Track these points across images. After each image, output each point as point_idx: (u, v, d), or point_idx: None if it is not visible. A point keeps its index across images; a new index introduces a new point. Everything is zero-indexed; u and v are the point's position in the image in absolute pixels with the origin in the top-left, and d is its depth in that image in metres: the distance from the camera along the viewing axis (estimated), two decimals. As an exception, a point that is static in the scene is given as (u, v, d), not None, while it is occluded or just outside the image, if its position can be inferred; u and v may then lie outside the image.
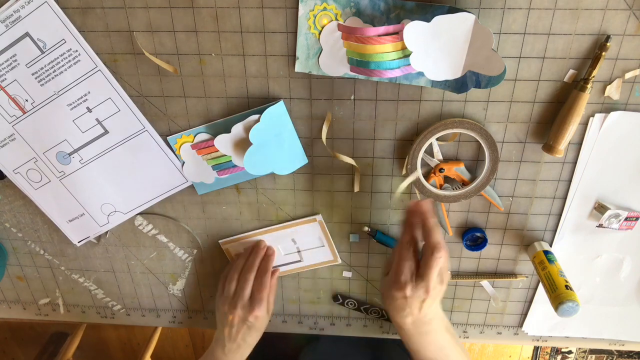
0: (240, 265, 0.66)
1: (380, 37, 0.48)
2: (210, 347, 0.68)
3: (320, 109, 0.58)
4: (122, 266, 0.74)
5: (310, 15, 0.52)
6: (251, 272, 0.64)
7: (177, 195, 0.66)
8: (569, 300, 0.55)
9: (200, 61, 0.56)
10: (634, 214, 0.60)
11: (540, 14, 0.51)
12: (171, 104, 0.59)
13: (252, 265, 0.65)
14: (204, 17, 0.54)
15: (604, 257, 0.66)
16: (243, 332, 0.63)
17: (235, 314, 0.61)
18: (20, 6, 0.54)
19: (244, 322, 0.62)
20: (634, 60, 0.52)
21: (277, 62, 0.56)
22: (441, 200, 0.61)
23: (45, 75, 0.57)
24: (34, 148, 0.62)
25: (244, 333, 0.63)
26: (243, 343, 0.64)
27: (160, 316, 0.79)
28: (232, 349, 0.64)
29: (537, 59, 0.53)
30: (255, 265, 0.65)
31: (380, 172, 0.62)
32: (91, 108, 0.59)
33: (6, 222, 0.72)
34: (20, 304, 0.81)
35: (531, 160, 0.59)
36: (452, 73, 0.50)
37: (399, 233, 0.67)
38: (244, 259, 0.67)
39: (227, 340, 0.63)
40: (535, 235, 0.65)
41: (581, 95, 0.52)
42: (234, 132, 0.57)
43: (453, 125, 0.56)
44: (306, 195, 0.65)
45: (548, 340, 0.75)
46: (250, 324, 0.62)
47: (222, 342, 0.64)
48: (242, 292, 0.62)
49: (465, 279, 0.69)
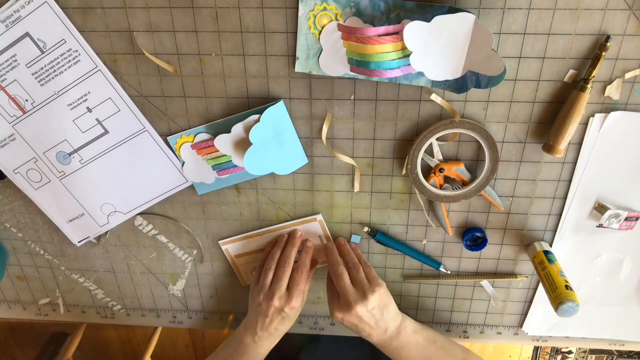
0: (276, 255, 0.65)
1: (380, 37, 0.48)
2: (237, 333, 0.67)
3: (320, 109, 0.58)
4: (122, 266, 0.74)
5: (310, 15, 0.52)
6: (289, 264, 0.63)
7: (177, 196, 0.66)
8: (569, 300, 0.55)
9: (200, 61, 0.57)
10: (634, 214, 0.60)
11: (540, 14, 0.51)
12: (171, 104, 0.59)
13: (289, 256, 0.64)
14: (204, 17, 0.54)
15: (604, 257, 0.66)
16: (277, 322, 0.63)
17: (272, 304, 0.61)
18: (20, 6, 0.54)
19: (279, 313, 0.62)
20: (634, 60, 0.52)
21: (277, 62, 0.56)
22: (441, 200, 0.61)
23: (45, 75, 0.57)
24: (34, 148, 0.62)
25: (277, 323, 0.63)
26: (275, 332, 0.64)
27: (160, 316, 0.79)
28: (263, 337, 0.63)
29: (537, 59, 0.53)
30: (292, 256, 0.65)
31: (380, 172, 0.62)
32: (91, 108, 0.59)
33: (6, 222, 0.72)
34: (20, 304, 0.81)
35: (531, 160, 0.59)
36: (452, 73, 0.50)
37: (398, 233, 0.67)
38: (279, 249, 0.66)
39: (260, 329, 0.63)
40: (535, 235, 0.65)
41: (581, 95, 0.52)
42: (234, 132, 0.57)
43: (453, 125, 0.56)
44: (306, 195, 0.65)
45: (548, 340, 0.75)
46: (286, 314, 0.62)
47: (253, 331, 0.63)
48: (279, 284, 0.62)
49: (465, 279, 0.69)
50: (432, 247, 0.67)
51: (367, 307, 0.58)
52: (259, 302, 0.62)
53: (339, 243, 0.66)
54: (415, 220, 0.65)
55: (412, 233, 0.66)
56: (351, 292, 0.59)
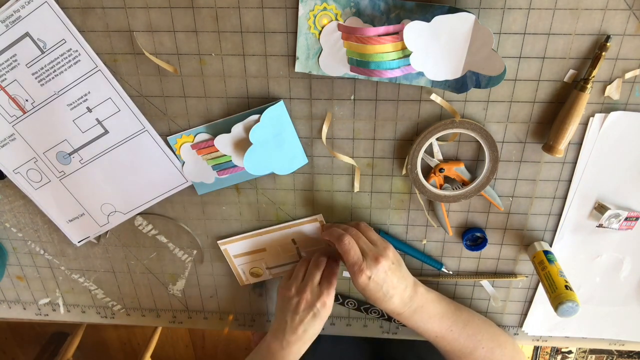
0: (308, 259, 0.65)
1: (380, 37, 0.48)
2: (263, 342, 0.65)
3: (320, 109, 0.58)
4: (122, 266, 0.74)
5: (310, 15, 0.52)
6: (322, 261, 0.63)
7: (177, 196, 0.66)
8: (569, 300, 0.55)
9: (200, 61, 0.57)
10: (634, 214, 0.60)
11: (540, 14, 0.51)
12: (171, 104, 0.59)
13: (321, 255, 0.64)
14: (204, 17, 0.54)
15: (604, 257, 0.66)
16: (307, 322, 0.60)
17: (303, 297, 0.59)
18: (20, 6, 0.54)
19: (310, 309, 0.60)
20: (634, 60, 0.52)
21: (277, 62, 0.56)
22: (441, 200, 0.61)
23: (45, 75, 0.57)
24: (34, 148, 0.62)
25: (307, 323, 0.60)
26: (304, 335, 0.61)
27: (160, 316, 0.79)
28: (292, 342, 0.61)
29: (537, 59, 0.53)
30: (324, 256, 0.64)
31: (380, 172, 0.62)
32: (91, 108, 0.59)
33: (6, 222, 0.72)
34: (20, 304, 0.81)
35: (531, 160, 0.59)
36: (452, 73, 0.50)
37: (398, 233, 0.67)
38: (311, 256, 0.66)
39: (289, 330, 0.60)
40: (535, 235, 0.65)
41: (581, 95, 0.52)
42: (234, 132, 0.57)
43: (453, 125, 0.56)
44: (306, 195, 0.65)
45: (548, 340, 0.75)
46: (317, 310, 0.60)
47: (282, 334, 0.61)
48: (312, 276, 0.61)
49: (465, 278, 0.69)
50: (432, 247, 0.67)
51: (389, 260, 0.57)
52: (290, 296, 0.61)
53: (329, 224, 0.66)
54: (415, 220, 0.65)
55: (412, 233, 0.66)
56: (372, 248, 0.58)
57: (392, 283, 0.57)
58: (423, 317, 0.62)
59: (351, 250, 0.57)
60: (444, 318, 0.63)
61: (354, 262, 0.56)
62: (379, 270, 0.56)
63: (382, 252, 0.57)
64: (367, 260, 0.56)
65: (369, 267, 0.56)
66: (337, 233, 0.59)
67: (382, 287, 0.57)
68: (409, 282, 0.60)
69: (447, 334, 0.63)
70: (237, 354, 1.93)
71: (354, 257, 0.57)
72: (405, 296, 0.59)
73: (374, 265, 0.56)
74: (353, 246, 0.57)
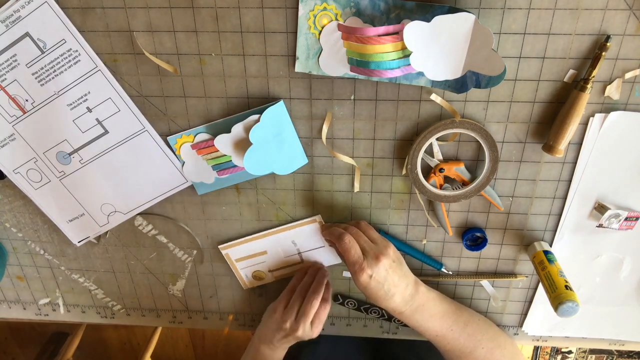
0: (308, 283, 0.68)
1: (380, 37, 0.48)
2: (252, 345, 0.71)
3: (320, 109, 0.58)
4: (122, 266, 0.74)
5: (310, 15, 0.52)
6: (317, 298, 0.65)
7: (177, 196, 0.66)
8: (569, 300, 0.55)
9: (200, 61, 0.57)
10: (634, 214, 0.60)
11: (540, 14, 0.51)
12: (171, 104, 0.59)
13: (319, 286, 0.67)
14: (204, 17, 0.54)
15: (604, 257, 0.66)
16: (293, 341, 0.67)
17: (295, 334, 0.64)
18: (20, 6, 0.54)
19: (298, 339, 0.66)
20: (634, 60, 0.52)
21: (277, 62, 0.56)
22: (441, 200, 0.61)
23: (45, 75, 0.57)
24: (34, 148, 0.62)
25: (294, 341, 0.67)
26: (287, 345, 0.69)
27: (160, 316, 0.79)
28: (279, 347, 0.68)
29: (537, 59, 0.53)
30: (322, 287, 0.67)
31: (380, 172, 0.62)
32: (91, 108, 0.59)
33: (6, 222, 0.72)
34: (20, 304, 0.81)
35: (531, 160, 0.59)
36: (452, 73, 0.50)
37: (398, 233, 0.67)
38: (311, 277, 0.68)
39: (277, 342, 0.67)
40: (535, 235, 0.65)
41: (581, 95, 0.52)
42: (234, 132, 0.57)
43: (453, 125, 0.56)
44: (306, 195, 0.65)
45: (548, 340, 0.75)
46: (300, 338, 0.66)
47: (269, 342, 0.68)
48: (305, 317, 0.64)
49: (465, 278, 0.69)
50: (432, 247, 0.67)
51: (390, 258, 0.58)
52: (284, 327, 0.65)
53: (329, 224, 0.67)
54: (415, 220, 0.65)
55: (412, 233, 0.66)
56: (372, 246, 0.58)
57: (393, 281, 0.57)
58: (424, 315, 0.62)
59: (352, 249, 0.57)
60: (445, 317, 0.63)
61: (354, 260, 0.56)
62: (380, 269, 0.56)
63: (382, 250, 0.57)
64: (368, 259, 0.56)
65: (369, 265, 0.56)
66: (338, 232, 0.59)
67: (384, 286, 0.57)
68: (410, 280, 0.60)
69: (448, 333, 0.63)
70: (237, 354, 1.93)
71: (354, 255, 0.57)
72: (407, 294, 0.59)
73: (375, 264, 0.56)
74: (353, 245, 0.57)
